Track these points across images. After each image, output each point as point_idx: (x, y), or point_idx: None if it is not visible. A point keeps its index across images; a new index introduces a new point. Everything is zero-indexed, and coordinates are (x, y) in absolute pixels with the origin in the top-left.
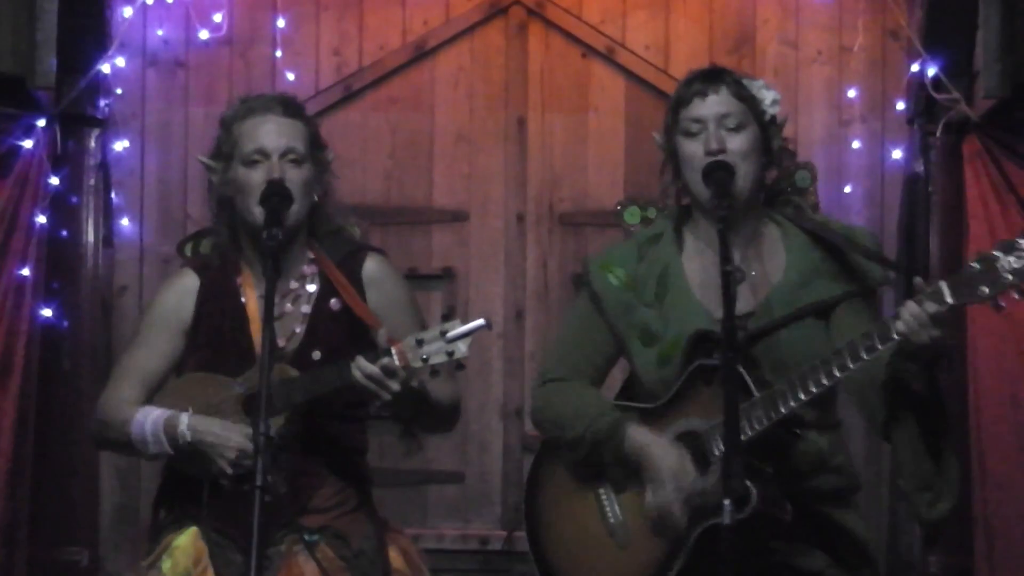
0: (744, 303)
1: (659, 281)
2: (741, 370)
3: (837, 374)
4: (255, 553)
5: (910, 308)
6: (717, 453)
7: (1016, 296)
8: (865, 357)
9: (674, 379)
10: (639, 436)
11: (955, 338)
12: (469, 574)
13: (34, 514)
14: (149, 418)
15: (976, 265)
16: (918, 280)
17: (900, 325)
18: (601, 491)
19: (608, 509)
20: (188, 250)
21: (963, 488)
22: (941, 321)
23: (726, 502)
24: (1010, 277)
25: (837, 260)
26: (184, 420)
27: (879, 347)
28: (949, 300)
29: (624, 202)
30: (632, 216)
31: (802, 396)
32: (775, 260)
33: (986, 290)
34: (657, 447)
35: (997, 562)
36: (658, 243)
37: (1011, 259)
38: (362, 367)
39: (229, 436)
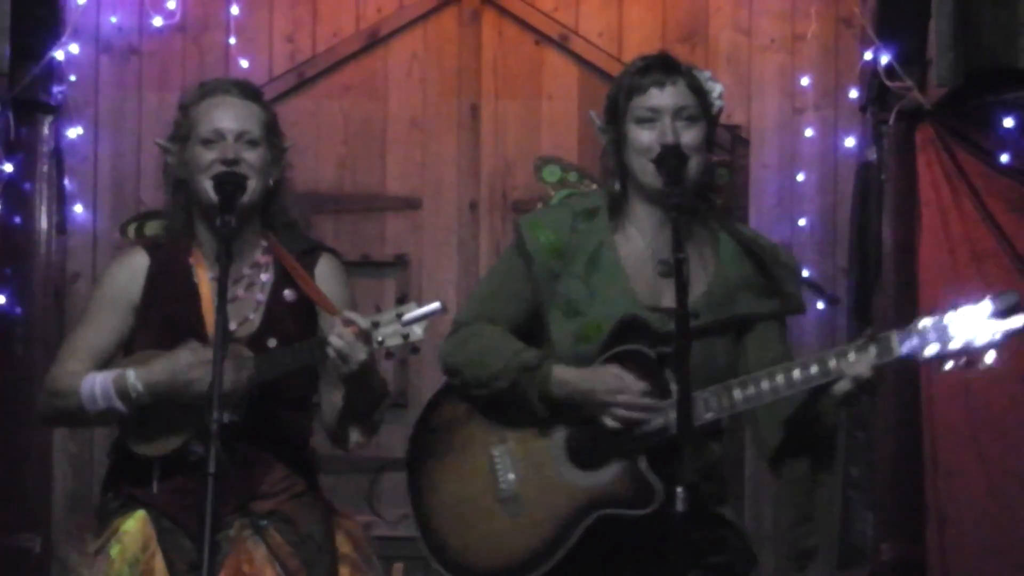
0: (672, 298)
1: (591, 257)
2: (665, 369)
3: (768, 397)
4: (207, 538)
5: (864, 363)
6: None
7: (961, 364)
8: (799, 387)
9: (592, 358)
10: (570, 372)
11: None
12: (421, 561)
13: None
14: (97, 378)
15: (928, 320)
16: (869, 330)
17: (855, 373)
18: (495, 453)
19: (501, 475)
20: (132, 231)
21: (915, 476)
22: (883, 370)
23: (679, 489)
24: (960, 344)
25: (765, 277)
26: (131, 373)
27: (817, 380)
28: (897, 353)
29: (545, 158)
30: (551, 174)
31: (727, 407)
32: (706, 264)
33: (936, 348)
34: (594, 375)
35: (949, 550)
36: (593, 218)
37: (964, 325)
38: (340, 332)
39: (176, 360)
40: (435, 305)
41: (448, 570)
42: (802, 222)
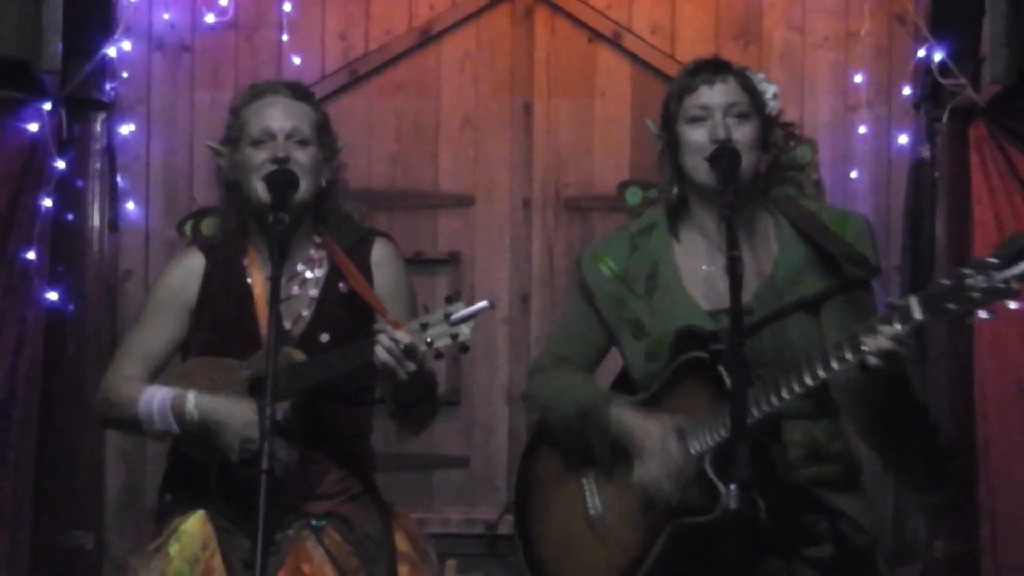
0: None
1: (649, 275)
2: (721, 368)
3: (809, 382)
4: (261, 536)
5: (883, 338)
6: (693, 452)
7: (983, 315)
8: (835, 367)
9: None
10: (625, 413)
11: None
12: (474, 558)
13: (38, 498)
14: (156, 396)
15: (946, 281)
16: (891, 300)
17: (875, 349)
18: (584, 481)
19: (589, 500)
20: (188, 228)
21: (968, 475)
22: (906, 338)
23: (732, 487)
24: (978, 295)
25: (826, 255)
26: (191, 399)
27: (849, 358)
28: (917, 316)
29: (626, 182)
30: (634, 196)
31: (775, 401)
32: (766, 252)
33: (953, 307)
34: (644, 423)
35: (1001, 548)
36: (651, 235)
37: (981, 278)
38: (386, 343)
39: (235, 413)
40: (483, 303)
41: None
42: None
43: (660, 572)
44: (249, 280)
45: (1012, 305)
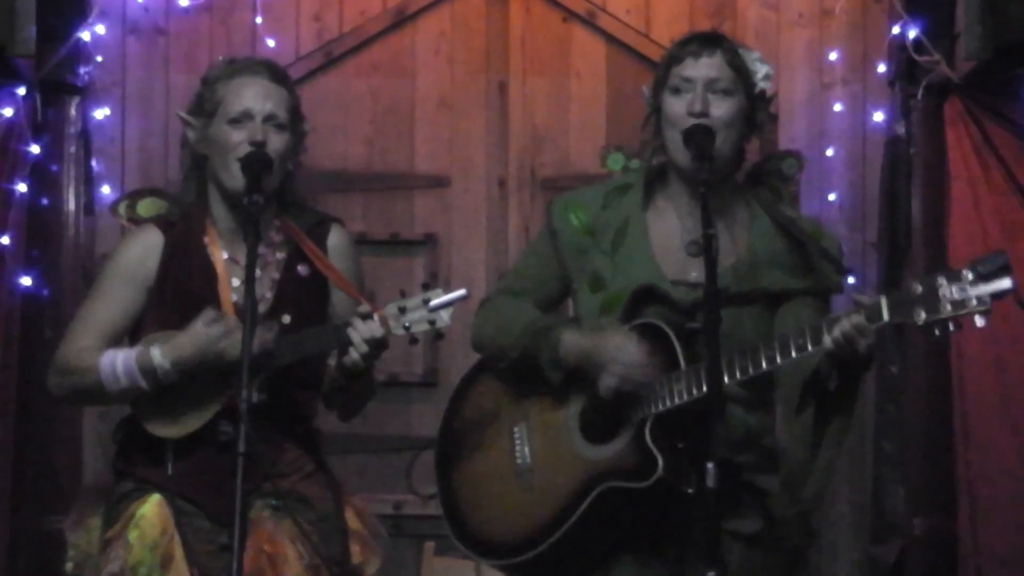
0: (700, 273)
1: (618, 231)
2: (674, 340)
3: (764, 365)
4: (238, 518)
5: (846, 321)
6: (635, 416)
7: (951, 328)
8: (793, 355)
9: None
10: (576, 336)
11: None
12: (452, 539)
13: (16, 483)
14: (118, 356)
15: (919, 287)
16: (858, 296)
17: (835, 332)
18: (515, 429)
19: (519, 449)
20: (123, 210)
21: (946, 450)
22: (873, 335)
23: (709, 465)
24: (948, 308)
25: (799, 255)
26: (155, 352)
27: (808, 348)
28: (885, 318)
29: (609, 148)
30: (615, 162)
31: (726, 380)
32: (738, 237)
33: (923, 315)
34: (598, 339)
35: (980, 524)
36: (625, 194)
37: (953, 289)
38: (363, 332)
39: (203, 333)
40: (461, 292)
41: (466, 544)
42: (831, 197)
43: (582, 531)
44: (211, 258)
45: (980, 323)
